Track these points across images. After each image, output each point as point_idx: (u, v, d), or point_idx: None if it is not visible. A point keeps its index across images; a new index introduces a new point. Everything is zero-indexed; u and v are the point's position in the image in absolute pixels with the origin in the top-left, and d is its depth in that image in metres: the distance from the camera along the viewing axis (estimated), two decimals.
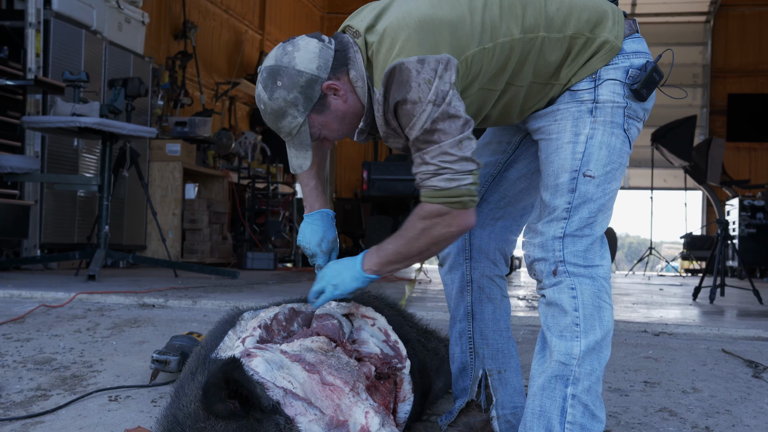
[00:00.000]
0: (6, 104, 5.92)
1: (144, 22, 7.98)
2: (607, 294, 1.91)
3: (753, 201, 10.20)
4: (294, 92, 1.87)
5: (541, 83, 1.94)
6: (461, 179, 1.82)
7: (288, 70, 1.88)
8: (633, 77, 1.92)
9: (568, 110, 1.93)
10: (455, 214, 1.84)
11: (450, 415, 2.23)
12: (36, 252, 6.30)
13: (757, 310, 4.78)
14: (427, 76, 1.78)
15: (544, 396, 1.86)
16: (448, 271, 2.24)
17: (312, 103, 1.89)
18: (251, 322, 2.00)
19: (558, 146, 1.93)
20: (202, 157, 8.96)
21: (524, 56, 1.90)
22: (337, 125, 1.95)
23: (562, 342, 1.86)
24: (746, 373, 2.80)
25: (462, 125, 1.81)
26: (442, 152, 1.81)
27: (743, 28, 15.15)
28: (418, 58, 1.78)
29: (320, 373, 1.81)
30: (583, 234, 1.89)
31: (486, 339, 2.21)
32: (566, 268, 1.88)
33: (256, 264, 8.45)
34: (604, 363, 1.87)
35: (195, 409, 1.62)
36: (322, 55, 1.90)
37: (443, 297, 4.73)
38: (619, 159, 1.93)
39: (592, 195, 1.90)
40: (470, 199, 1.84)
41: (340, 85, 1.90)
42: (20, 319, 3.36)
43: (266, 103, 1.91)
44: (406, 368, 2.04)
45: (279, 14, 13.62)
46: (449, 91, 1.79)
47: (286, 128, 1.92)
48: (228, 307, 3.25)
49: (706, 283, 5.60)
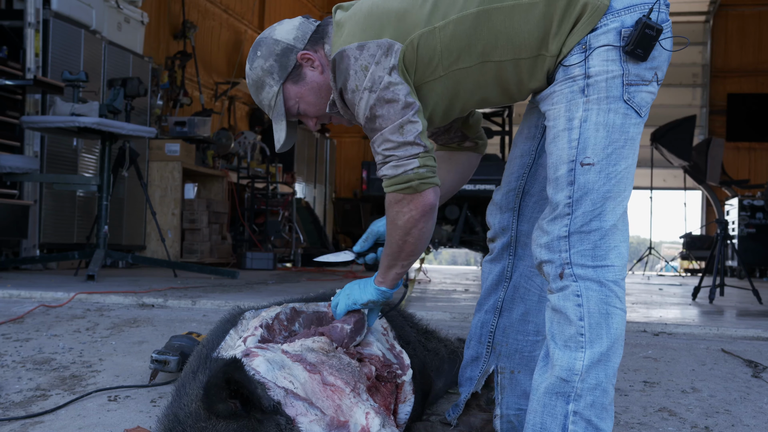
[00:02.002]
0: (5, 104, 5.91)
1: (143, 22, 7.97)
2: (618, 298, 1.81)
3: (752, 201, 10.20)
4: (270, 60, 1.92)
5: (529, 58, 1.84)
6: (406, 164, 1.80)
7: (266, 40, 1.95)
8: (627, 38, 1.76)
9: (562, 92, 1.83)
10: (409, 198, 1.83)
11: (457, 409, 2.22)
12: (35, 252, 6.30)
13: (757, 310, 4.78)
14: (364, 63, 1.79)
15: (545, 413, 1.82)
16: (491, 261, 2.22)
17: (286, 72, 1.92)
18: (253, 322, 2.00)
19: (555, 135, 1.84)
20: (202, 157, 8.96)
21: (493, 28, 1.81)
22: (313, 98, 1.95)
23: (565, 354, 1.79)
24: (746, 373, 2.80)
25: (401, 108, 1.79)
26: (384, 139, 1.81)
27: (743, 27, 15.15)
28: (358, 44, 1.79)
29: (321, 373, 1.81)
30: (591, 229, 1.79)
31: (507, 337, 2.17)
32: (573, 270, 1.80)
33: (255, 264, 8.45)
34: (613, 371, 1.80)
35: (196, 409, 1.62)
36: (302, 28, 1.95)
37: (443, 297, 4.73)
38: (623, 135, 1.80)
39: (593, 184, 1.79)
40: (420, 182, 1.81)
41: (316, 56, 1.92)
42: (19, 319, 3.35)
43: (248, 75, 1.96)
44: (407, 376, 2.04)
45: (278, 14, 13.61)
46: (385, 77, 1.78)
47: (266, 100, 1.95)
48: (227, 307, 3.25)
49: (705, 283, 5.60)
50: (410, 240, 1.88)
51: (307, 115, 1.99)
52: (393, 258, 1.93)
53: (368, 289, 1.98)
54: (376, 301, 1.99)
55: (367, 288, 1.99)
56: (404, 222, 1.86)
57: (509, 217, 2.18)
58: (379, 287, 1.97)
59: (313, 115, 2.00)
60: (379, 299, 1.99)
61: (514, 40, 1.82)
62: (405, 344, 2.20)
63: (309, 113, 1.99)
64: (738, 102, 14.74)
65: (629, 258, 25.85)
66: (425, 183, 1.82)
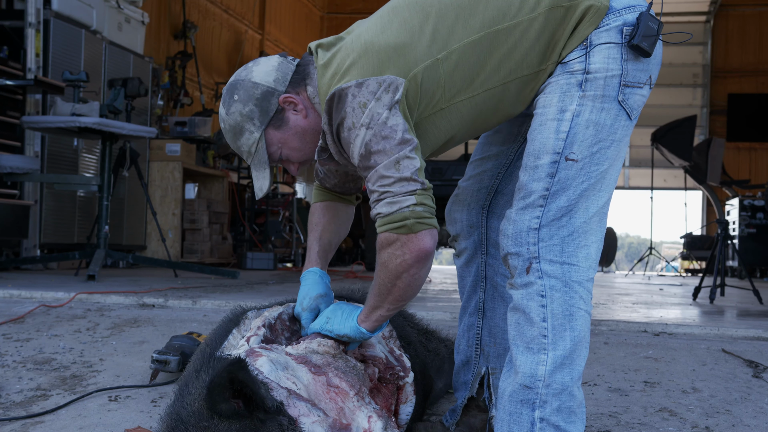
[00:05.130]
0: (6, 104, 5.91)
1: (144, 22, 7.98)
2: (582, 299, 1.76)
3: (753, 201, 10.20)
4: (249, 105, 1.80)
5: (530, 74, 1.81)
6: (402, 201, 1.69)
7: (244, 83, 1.82)
8: (629, 35, 1.75)
9: (558, 82, 1.79)
10: (404, 240, 1.71)
11: (454, 414, 2.21)
12: (36, 252, 6.30)
13: (757, 310, 4.78)
14: (363, 99, 1.70)
15: (512, 422, 1.77)
16: (465, 264, 2.17)
17: (268, 117, 1.80)
18: (255, 321, 2.00)
19: (542, 122, 1.79)
20: (202, 157, 8.96)
21: (495, 51, 1.77)
22: (297, 143, 1.85)
23: (527, 357, 1.75)
24: (746, 373, 2.80)
25: (398, 144, 1.69)
26: (380, 176, 1.71)
27: (743, 28, 15.16)
28: (357, 81, 1.70)
29: (327, 375, 1.81)
30: (560, 224, 1.75)
31: (494, 338, 2.14)
32: (540, 266, 1.75)
33: (255, 264, 8.45)
34: (578, 374, 1.76)
35: (199, 408, 1.62)
36: (281, 69, 1.83)
37: (443, 297, 4.73)
38: (611, 136, 1.77)
39: (572, 181, 1.75)
40: (416, 221, 1.70)
41: (299, 99, 1.82)
42: (20, 319, 3.35)
43: (224, 120, 1.83)
44: (409, 378, 2.04)
45: (279, 14, 13.62)
46: (384, 113, 1.69)
47: (245, 146, 1.83)
48: (228, 307, 3.25)
49: (706, 283, 5.60)
50: (400, 285, 1.76)
51: (290, 160, 1.88)
52: (379, 299, 1.81)
53: (350, 323, 1.87)
54: (353, 338, 1.88)
55: (349, 321, 1.87)
56: (396, 266, 1.74)
57: (477, 213, 2.14)
58: (360, 326, 1.86)
59: (296, 161, 1.88)
60: (356, 338, 1.88)
61: (517, 59, 1.78)
62: (406, 344, 2.20)
63: (292, 159, 1.87)
64: (738, 102, 14.75)
65: (629, 258, 25.76)
66: (421, 223, 1.71)
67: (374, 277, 1.81)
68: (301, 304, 2.01)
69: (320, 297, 2.00)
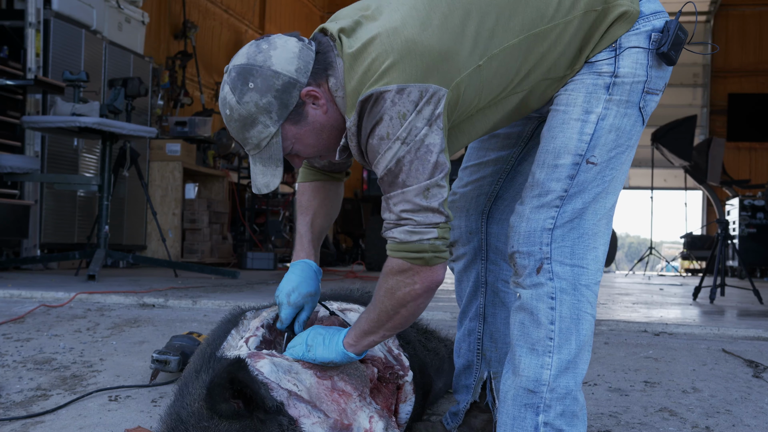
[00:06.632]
0: (6, 104, 5.91)
1: (144, 22, 7.98)
2: (589, 303, 1.75)
3: (753, 201, 10.20)
4: (268, 96, 1.63)
5: (558, 77, 1.77)
6: (424, 233, 1.61)
7: (262, 71, 1.63)
8: (656, 41, 1.72)
9: (583, 81, 1.74)
10: (417, 270, 1.63)
11: (456, 417, 2.20)
12: (36, 252, 6.30)
13: (758, 310, 4.78)
14: (402, 109, 1.57)
15: (516, 426, 1.75)
16: (463, 269, 2.13)
17: (288, 111, 1.64)
18: (254, 322, 2.00)
19: (564, 120, 1.74)
20: (202, 157, 8.96)
21: (532, 55, 1.72)
22: (313, 140, 1.71)
23: (531, 360, 1.72)
24: (746, 373, 2.80)
25: (432, 169, 1.59)
26: (405, 200, 1.61)
27: (743, 27, 15.16)
28: (398, 86, 1.57)
29: (332, 378, 1.80)
30: (572, 226, 1.73)
31: (496, 343, 2.12)
32: (552, 267, 1.72)
33: (256, 264, 8.45)
34: (581, 377, 1.75)
35: (199, 408, 1.62)
36: (302, 57, 1.65)
37: (443, 297, 4.72)
38: (627, 142, 1.76)
39: (589, 184, 1.73)
40: (434, 255, 1.63)
41: (321, 93, 1.66)
42: (20, 319, 3.35)
43: (233, 108, 1.65)
44: (408, 377, 2.04)
45: (279, 14, 13.62)
46: (423, 128, 1.58)
47: (254, 139, 1.67)
48: (228, 307, 3.25)
49: (706, 283, 5.59)
50: (403, 313, 1.69)
51: (300, 155, 1.75)
52: (377, 324, 1.73)
53: (333, 348, 1.77)
54: (339, 364, 1.80)
55: (332, 347, 1.77)
56: (403, 294, 1.66)
57: (477, 220, 2.11)
58: (347, 351, 1.76)
59: (306, 156, 1.76)
60: (342, 363, 1.80)
61: (549, 63, 1.74)
62: (405, 343, 2.20)
63: (303, 154, 1.75)
64: (739, 102, 14.75)
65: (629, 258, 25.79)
66: (439, 257, 1.63)
67: (373, 301, 1.73)
68: (288, 296, 1.88)
69: (309, 296, 1.91)
